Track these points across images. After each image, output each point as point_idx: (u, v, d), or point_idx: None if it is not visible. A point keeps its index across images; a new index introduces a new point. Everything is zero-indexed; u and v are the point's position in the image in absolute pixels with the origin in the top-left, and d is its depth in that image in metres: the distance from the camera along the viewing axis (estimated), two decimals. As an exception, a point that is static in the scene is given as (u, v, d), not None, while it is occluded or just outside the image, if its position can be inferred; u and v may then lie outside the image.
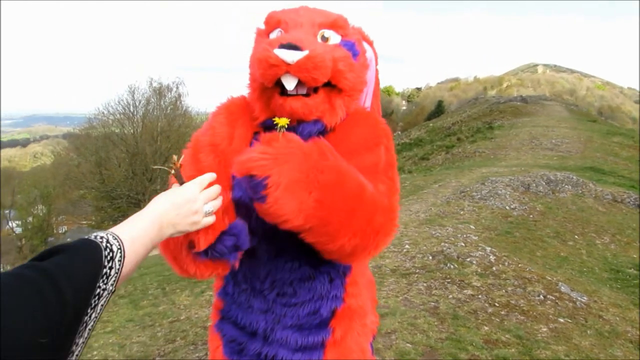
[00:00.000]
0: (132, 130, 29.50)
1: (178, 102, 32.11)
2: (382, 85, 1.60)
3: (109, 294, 0.77)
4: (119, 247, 0.81)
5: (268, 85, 1.15)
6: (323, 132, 1.22)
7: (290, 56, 1.06)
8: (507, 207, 7.65)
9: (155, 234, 0.91)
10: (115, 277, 0.78)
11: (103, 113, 29.66)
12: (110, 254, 0.78)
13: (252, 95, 1.26)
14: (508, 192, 8.44)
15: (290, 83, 1.11)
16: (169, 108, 31.50)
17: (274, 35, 1.23)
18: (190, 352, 3.66)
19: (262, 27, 1.31)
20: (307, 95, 1.15)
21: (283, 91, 1.15)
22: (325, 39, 1.20)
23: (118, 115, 29.70)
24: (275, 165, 0.95)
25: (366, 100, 1.41)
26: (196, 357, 3.54)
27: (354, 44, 1.25)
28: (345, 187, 1.02)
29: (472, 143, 18.73)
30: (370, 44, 1.39)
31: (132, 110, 29.66)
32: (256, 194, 0.96)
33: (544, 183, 9.21)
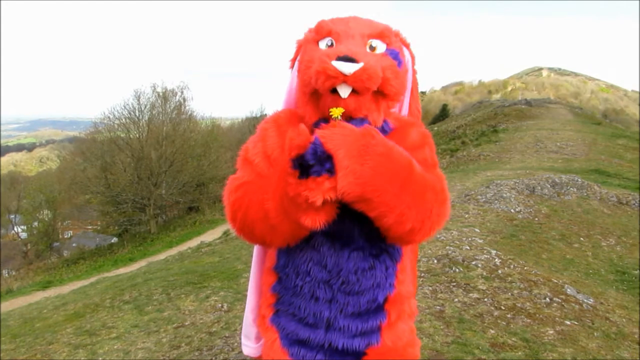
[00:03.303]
0: (137, 135, 29.65)
1: (183, 107, 32.28)
2: None
3: None
4: None
5: (324, 92, 1.24)
6: None
7: (348, 68, 1.17)
8: (512, 210, 7.63)
9: None
10: None
11: (109, 117, 29.83)
12: None
13: (302, 98, 1.34)
14: (513, 195, 8.40)
15: (345, 92, 1.21)
16: (174, 112, 31.64)
17: (323, 44, 1.32)
18: (196, 358, 3.66)
19: (304, 33, 1.41)
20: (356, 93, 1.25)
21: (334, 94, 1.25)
22: (372, 49, 1.30)
23: (124, 120, 29.84)
24: (334, 142, 1.13)
25: (404, 100, 1.52)
26: (201, 362, 3.53)
27: (398, 53, 1.35)
28: (395, 158, 1.18)
29: (476, 146, 18.67)
30: (407, 46, 1.47)
31: (137, 114, 29.83)
32: (321, 165, 1.13)
33: (549, 186, 9.17)
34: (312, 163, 1.14)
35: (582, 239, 6.76)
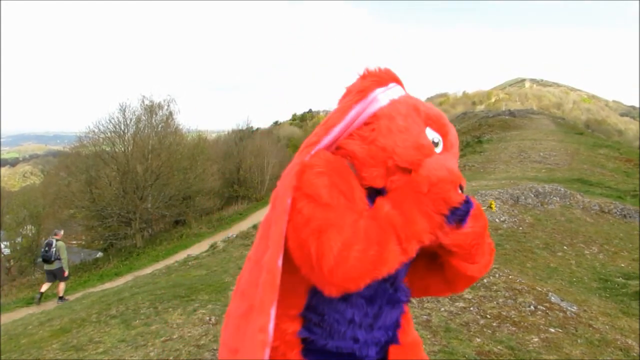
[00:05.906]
0: (123, 149, 29.36)
1: (169, 120, 32.10)
2: None
3: None
4: None
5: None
6: None
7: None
8: (497, 220, 7.72)
9: None
10: None
11: (94, 131, 29.46)
12: None
13: (377, 167, 1.26)
14: (498, 205, 8.51)
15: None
16: (160, 126, 31.44)
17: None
18: (184, 370, 3.65)
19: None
20: None
21: None
22: (435, 145, 1.35)
23: (109, 134, 29.53)
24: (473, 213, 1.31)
25: None
26: (189, 375, 3.53)
27: None
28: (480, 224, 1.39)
29: (461, 157, 18.85)
30: (400, 84, 1.43)
31: (123, 128, 29.54)
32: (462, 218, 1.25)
33: (533, 195, 9.31)
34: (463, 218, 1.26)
35: (565, 247, 6.86)
